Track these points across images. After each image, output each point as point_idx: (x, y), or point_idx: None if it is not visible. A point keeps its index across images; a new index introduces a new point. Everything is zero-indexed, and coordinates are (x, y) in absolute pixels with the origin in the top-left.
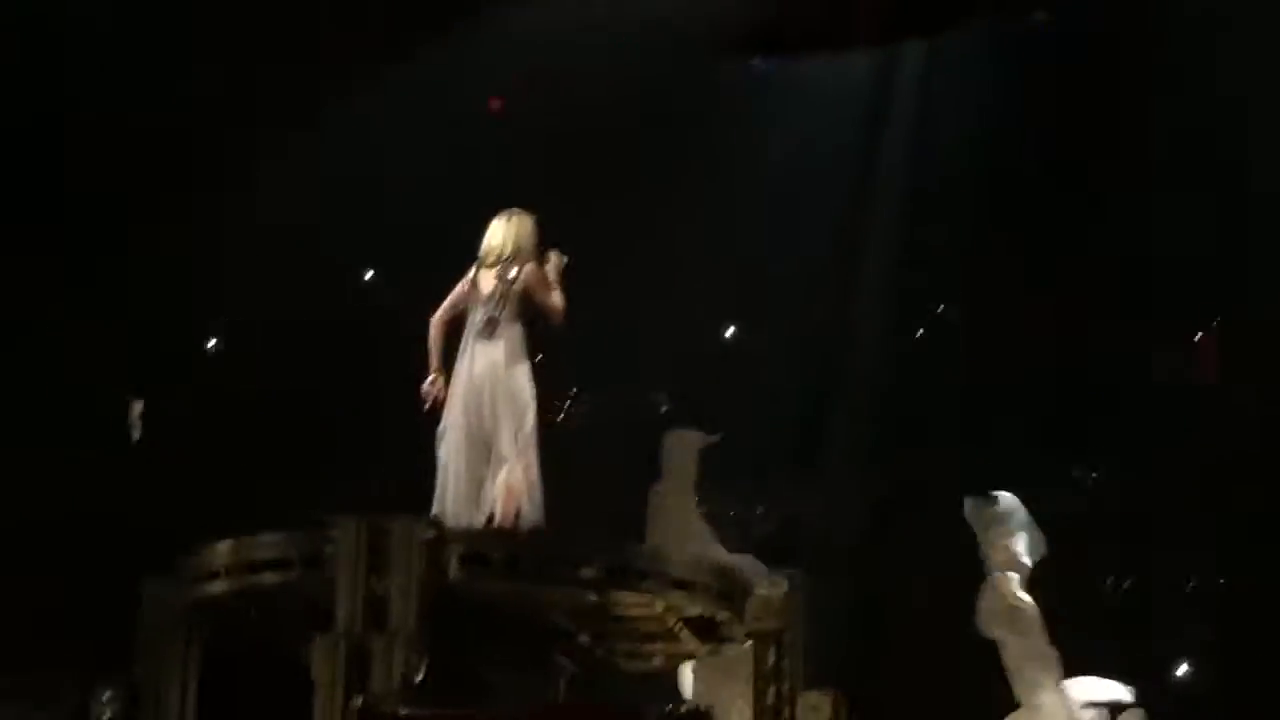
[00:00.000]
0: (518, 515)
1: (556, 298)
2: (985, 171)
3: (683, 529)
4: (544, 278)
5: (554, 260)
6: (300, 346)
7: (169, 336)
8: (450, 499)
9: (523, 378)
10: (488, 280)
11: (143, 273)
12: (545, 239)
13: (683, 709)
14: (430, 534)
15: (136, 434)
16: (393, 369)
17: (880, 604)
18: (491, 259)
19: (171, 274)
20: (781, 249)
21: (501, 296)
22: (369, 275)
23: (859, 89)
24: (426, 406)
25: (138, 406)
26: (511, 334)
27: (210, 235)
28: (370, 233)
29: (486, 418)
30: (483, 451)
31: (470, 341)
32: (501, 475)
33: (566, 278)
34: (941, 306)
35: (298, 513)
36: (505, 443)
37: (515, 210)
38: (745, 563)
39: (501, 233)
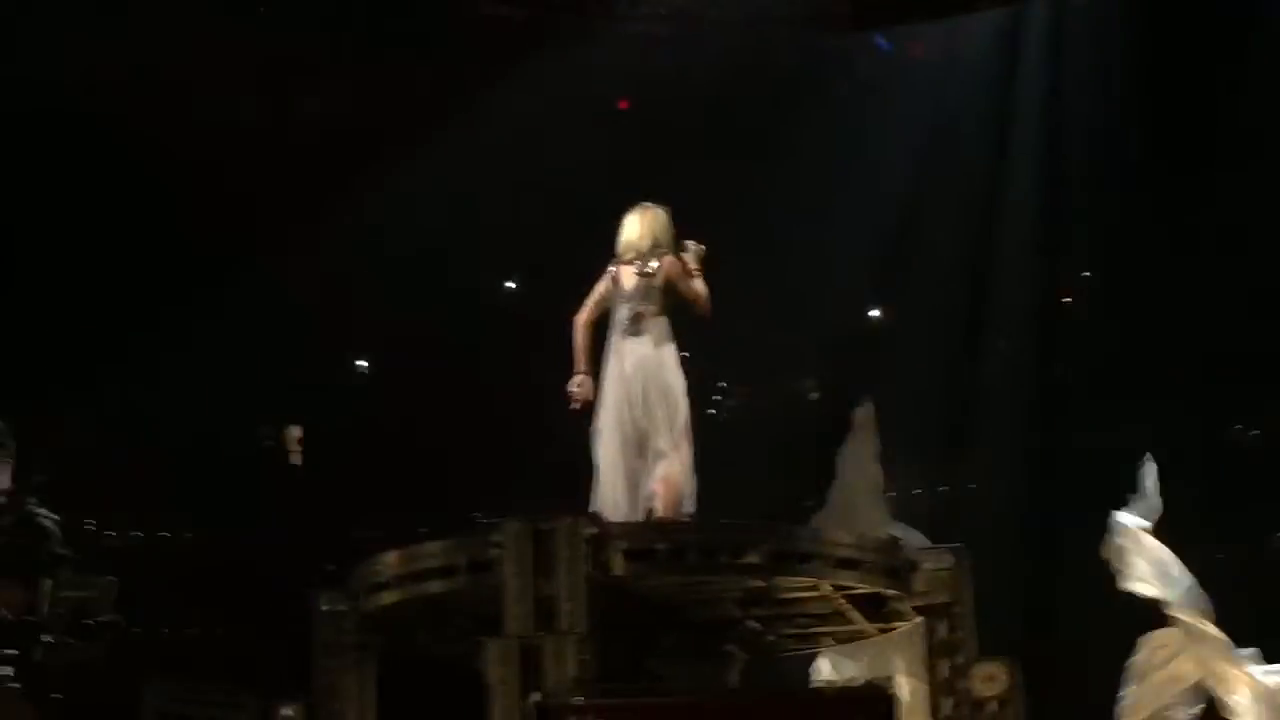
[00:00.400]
0: (678, 507)
1: (700, 286)
2: (1119, 135)
3: (862, 501)
4: (684, 268)
5: (692, 250)
6: (448, 362)
7: (319, 364)
8: (609, 496)
9: (674, 371)
10: (629, 276)
11: (284, 304)
12: (681, 230)
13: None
14: (593, 531)
15: (297, 458)
16: (543, 374)
17: (1045, 575)
18: (630, 254)
19: (314, 303)
20: (917, 225)
21: (645, 291)
22: (510, 285)
23: (984, 58)
24: (576, 407)
25: (296, 432)
26: (658, 328)
27: (346, 261)
28: (506, 243)
29: (641, 414)
30: (638, 447)
31: (617, 339)
32: (660, 469)
33: (707, 266)
34: (1086, 274)
35: (460, 521)
36: (662, 437)
37: (649, 204)
38: (913, 537)
39: (638, 227)
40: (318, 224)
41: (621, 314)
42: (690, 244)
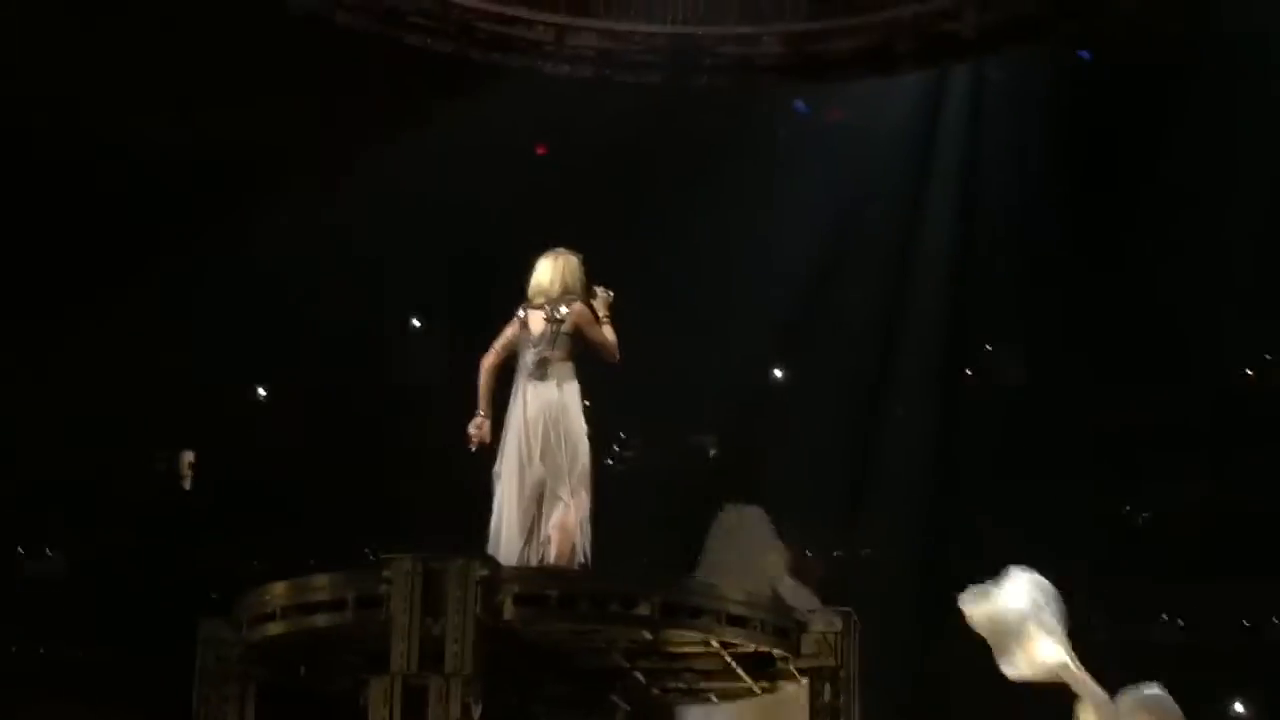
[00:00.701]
0: (571, 555)
1: (609, 333)
2: (1033, 208)
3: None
4: (593, 315)
5: (601, 296)
6: (348, 396)
7: (215, 392)
8: (505, 540)
9: (576, 417)
10: (537, 321)
11: (181, 331)
12: (592, 277)
13: None
14: (485, 574)
15: (188, 483)
16: (443, 414)
17: (932, 642)
18: (540, 299)
19: (213, 329)
20: (827, 287)
21: (552, 336)
22: (415, 323)
23: (903, 124)
24: (472, 448)
25: (188, 457)
26: (563, 373)
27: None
28: (414, 281)
29: (540, 459)
30: (536, 492)
31: (522, 383)
32: (556, 515)
33: (615, 314)
34: (988, 346)
35: (352, 556)
36: (560, 483)
37: (561, 250)
38: (802, 596)
39: (549, 272)
40: (220, 250)
41: (527, 358)
42: (600, 290)
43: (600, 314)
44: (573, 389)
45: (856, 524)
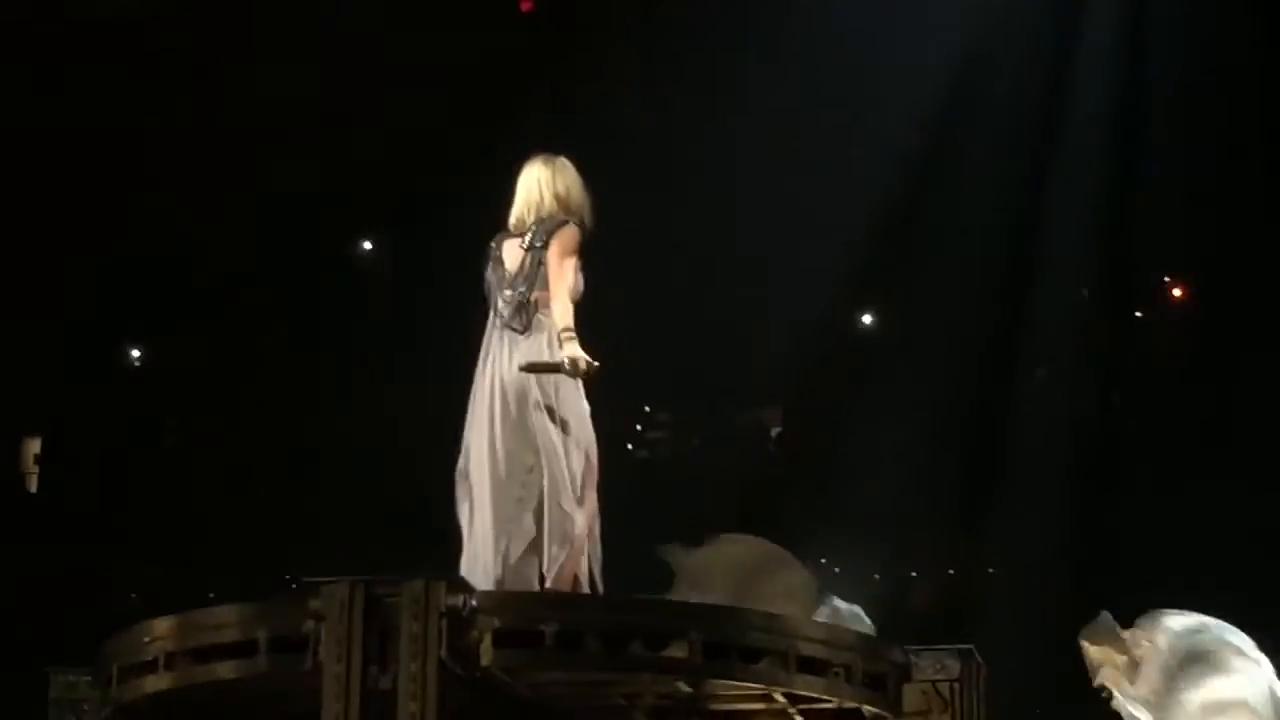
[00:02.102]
0: (576, 580)
1: (564, 275)
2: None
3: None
4: (573, 245)
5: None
6: (262, 365)
7: (76, 360)
8: (479, 558)
9: (574, 387)
10: (512, 251)
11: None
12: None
13: None
14: (454, 602)
15: (33, 482)
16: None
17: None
18: (528, 223)
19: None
20: (931, 199)
21: (533, 269)
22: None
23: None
24: None
25: (33, 447)
26: (552, 321)
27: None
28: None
29: (524, 442)
30: (520, 489)
31: (493, 343)
32: (555, 526)
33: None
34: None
35: (266, 582)
36: (558, 482)
37: (548, 155)
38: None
39: (536, 186)
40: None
41: (500, 305)
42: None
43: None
44: (568, 345)
45: (976, 531)
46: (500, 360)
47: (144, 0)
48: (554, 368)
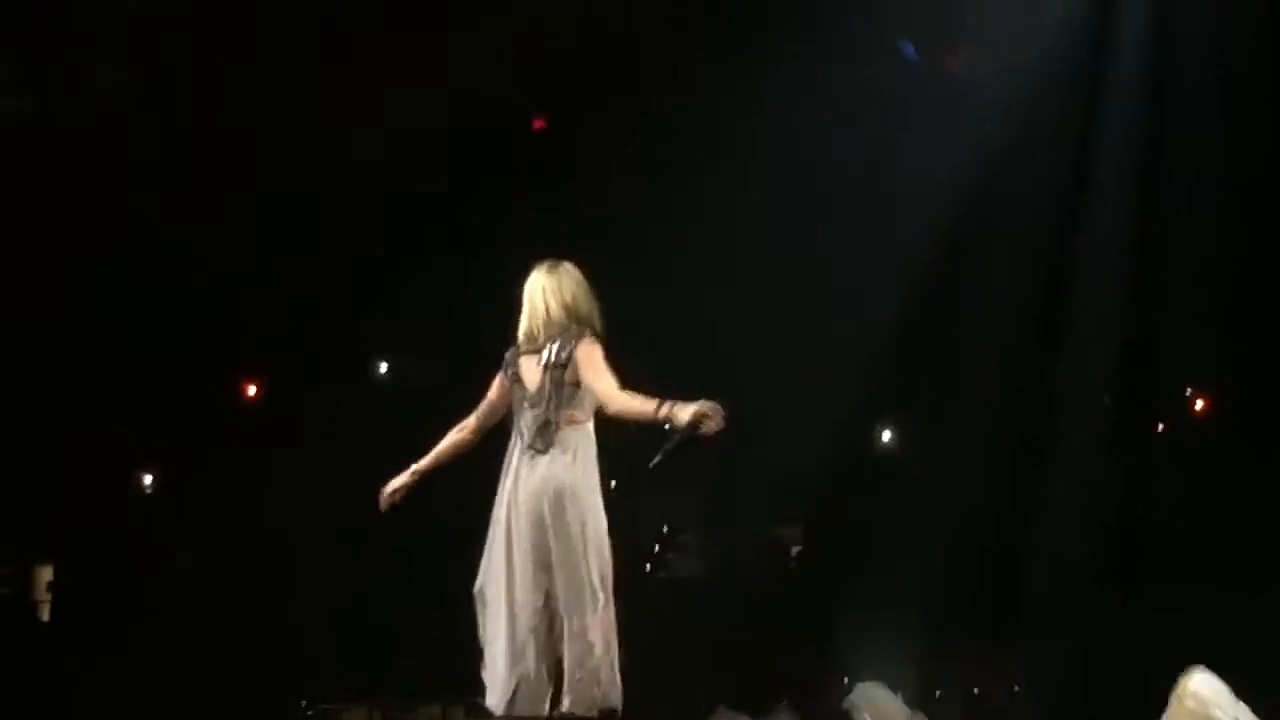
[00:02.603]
0: (595, 702)
1: (608, 379)
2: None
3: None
4: (598, 357)
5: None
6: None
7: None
8: (498, 677)
9: (594, 505)
10: (530, 369)
11: None
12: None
13: None
14: None
15: (45, 611)
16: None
17: None
18: (538, 335)
19: None
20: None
21: (555, 389)
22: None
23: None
24: (382, 507)
25: (45, 574)
26: (574, 442)
27: None
28: None
29: (543, 562)
30: (542, 607)
31: (514, 459)
32: (575, 649)
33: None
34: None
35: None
36: (577, 603)
37: (554, 262)
38: None
39: (544, 295)
40: None
41: (523, 424)
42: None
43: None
44: (587, 463)
45: (1000, 648)
46: (519, 479)
47: None
48: (683, 434)
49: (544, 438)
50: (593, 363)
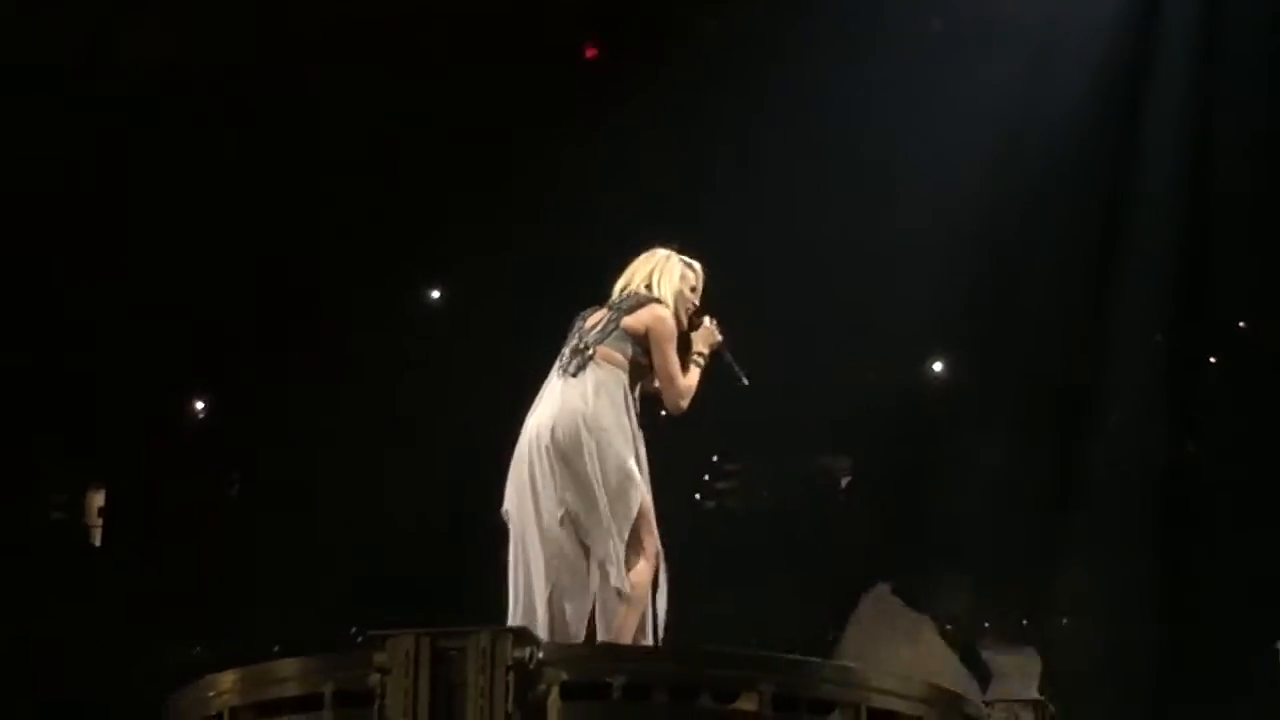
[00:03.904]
0: (639, 630)
1: (689, 374)
2: None
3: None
4: (676, 331)
5: (706, 329)
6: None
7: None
8: (528, 607)
9: (614, 435)
10: (596, 315)
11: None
12: (710, 303)
13: None
14: (521, 654)
15: (97, 536)
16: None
17: None
18: (614, 297)
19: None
20: (1005, 245)
21: (605, 325)
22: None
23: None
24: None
25: (97, 500)
26: (604, 376)
27: None
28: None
29: (563, 487)
30: (561, 539)
31: (546, 386)
32: (604, 571)
33: (713, 361)
34: (1242, 324)
35: (330, 635)
36: (598, 531)
37: (665, 249)
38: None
39: (636, 269)
40: None
41: (567, 350)
42: (709, 322)
43: (695, 347)
44: (614, 396)
45: (1051, 579)
46: (546, 406)
47: None
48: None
49: (577, 360)
50: (656, 333)
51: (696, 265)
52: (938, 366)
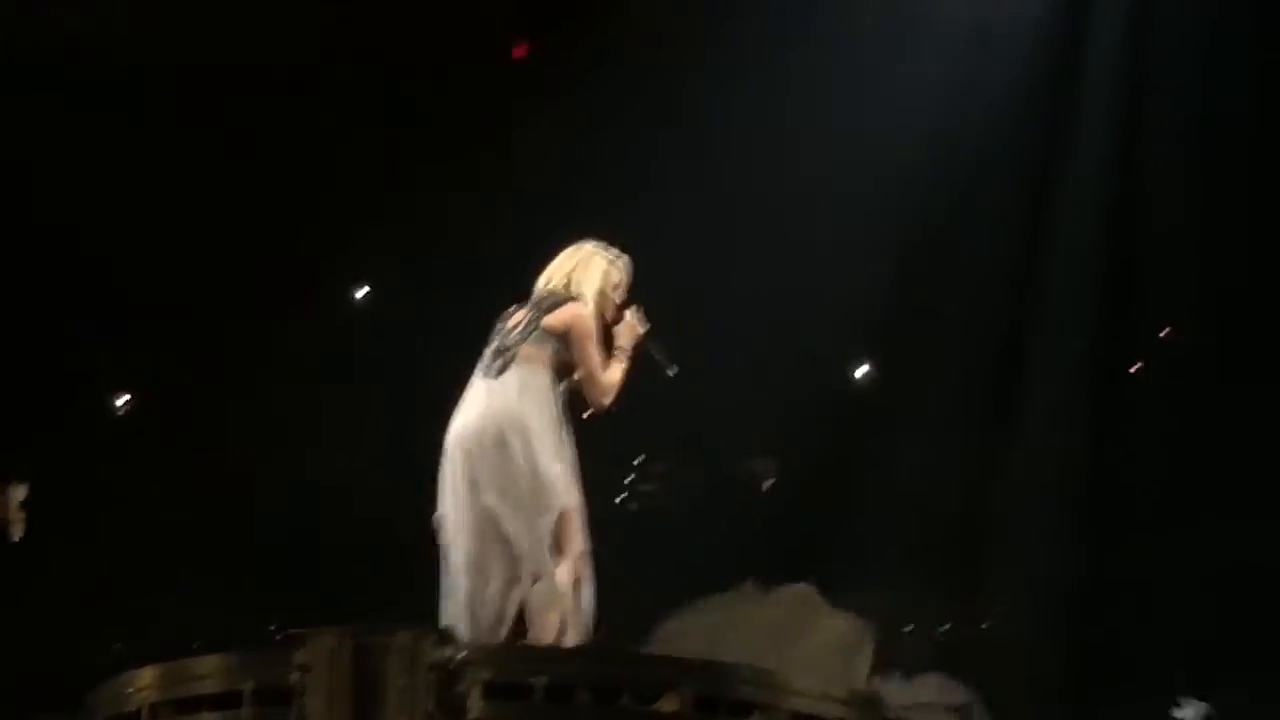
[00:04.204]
0: (561, 630)
1: (611, 368)
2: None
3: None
4: (595, 328)
5: (629, 321)
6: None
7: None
8: (454, 609)
9: (539, 435)
10: (517, 316)
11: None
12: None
13: None
14: (444, 654)
15: (18, 532)
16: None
17: None
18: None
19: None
20: (933, 238)
21: (527, 325)
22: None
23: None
24: None
25: (19, 494)
26: (528, 376)
27: None
28: None
29: (489, 493)
30: (482, 539)
31: (471, 385)
32: (528, 570)
33: (637, 353)
34: (1165, 329)
35: (249, 632)
36: (521, 534)
37: (589, 243)
38: (930, 683)
39: (559, 264)
40: None
41: (488, 352)
42: (631, 313)
43: (618, 341)
44: (539, 396)
45: (970, 586)
46: (471, 407)
47: None
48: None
49: (498, 362)
50: (575, 330)
51: (622, 260)
52: (862, 368)
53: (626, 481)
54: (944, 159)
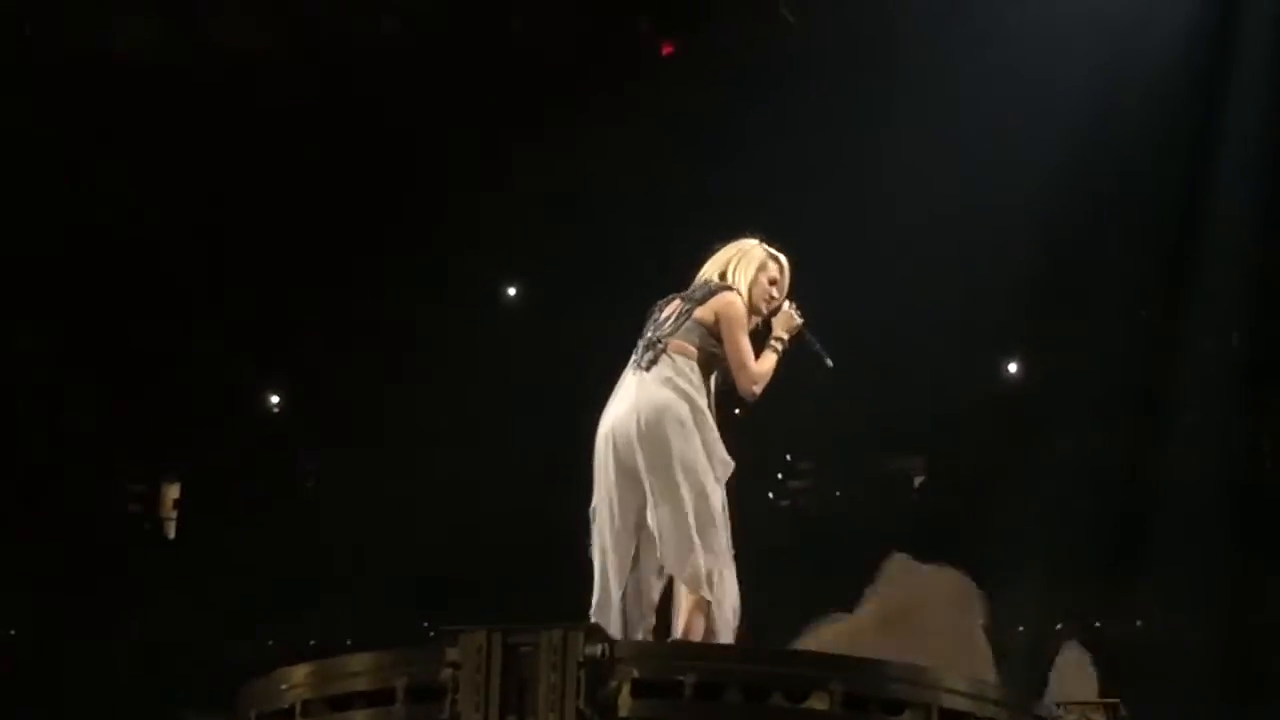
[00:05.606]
0: (711, 628)
1: (763, 359)
2: None
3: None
4: (747, 316)
5: (785, 313)
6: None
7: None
8: (607, 606)
9: (688, 434)
10: (671, 306)
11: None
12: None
13: None
14: (593, 651)
15: (172, 530)
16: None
17: None
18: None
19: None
20: (1080, 245)
21: (678, 317)
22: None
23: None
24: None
25: (172, 492)
26: (679, 369)
27: None
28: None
29: (637, 486)
30: (633, 534)
31: (622, 382)
32: (677, 568)
33: (792, 346)
34: None
35: (402, 630)
36: (675, 516)
37: (748, 240)
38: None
39: (716, 259)
40: None
41: (641, 343)
42: (789, 307)
43: (775, 332)
44: (688, 388)
45: (1123, 583)
46: (622, 401)
47: None
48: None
49: (649, 354)
50: (728, 319)
51: (782, 258)
52: (1012, 367)
53: (777, 478)
54: (1096, 160)
